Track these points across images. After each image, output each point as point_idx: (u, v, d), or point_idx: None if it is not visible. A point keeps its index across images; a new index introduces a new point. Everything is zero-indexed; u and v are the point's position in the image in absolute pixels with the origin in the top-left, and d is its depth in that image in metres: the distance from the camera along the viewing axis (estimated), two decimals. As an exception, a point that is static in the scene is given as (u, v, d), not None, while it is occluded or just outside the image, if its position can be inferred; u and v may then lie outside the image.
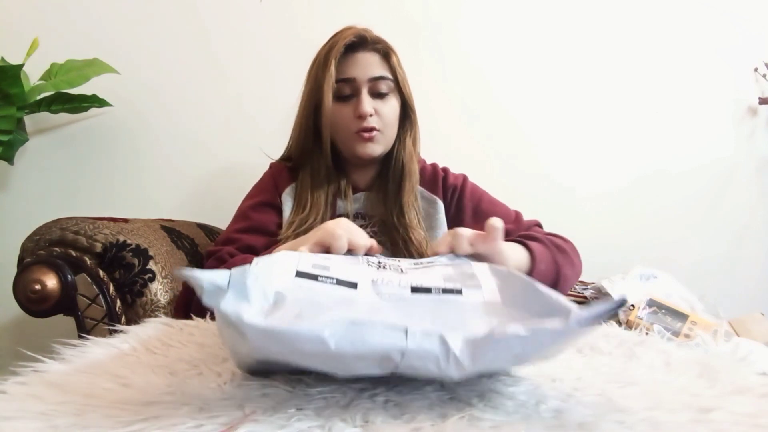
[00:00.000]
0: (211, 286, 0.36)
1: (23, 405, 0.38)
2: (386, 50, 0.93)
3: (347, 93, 0.90)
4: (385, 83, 0.91)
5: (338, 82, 0.89)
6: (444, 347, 0.36)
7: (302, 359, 0.37)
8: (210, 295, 0.36)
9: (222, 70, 1.39)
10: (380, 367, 0.37)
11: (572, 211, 1.44)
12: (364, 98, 0.89)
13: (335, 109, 0.90)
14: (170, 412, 0.37)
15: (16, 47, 1.21)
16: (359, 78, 0.89)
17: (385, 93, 0.92)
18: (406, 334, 0.35)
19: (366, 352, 0.36)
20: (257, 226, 0.91)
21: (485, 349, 0.36)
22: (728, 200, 1.49)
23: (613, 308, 0.36)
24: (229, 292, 0.37)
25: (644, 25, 1.49)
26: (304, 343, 0.35)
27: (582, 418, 0.37)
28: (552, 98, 1.47)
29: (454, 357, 0.36)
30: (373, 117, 0.90)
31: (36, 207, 1.31)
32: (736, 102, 1.50)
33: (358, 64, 0.90)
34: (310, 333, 0.35)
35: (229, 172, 1.38)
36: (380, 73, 0.91)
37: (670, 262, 1.36)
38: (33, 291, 0.78)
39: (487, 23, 1.45)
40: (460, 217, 0.97)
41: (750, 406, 0.40)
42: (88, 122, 1.35)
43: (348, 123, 0.90)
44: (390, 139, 0.95)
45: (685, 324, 1.00)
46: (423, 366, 0.37)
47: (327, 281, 0.48)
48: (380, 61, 0.92)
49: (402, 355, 0.36)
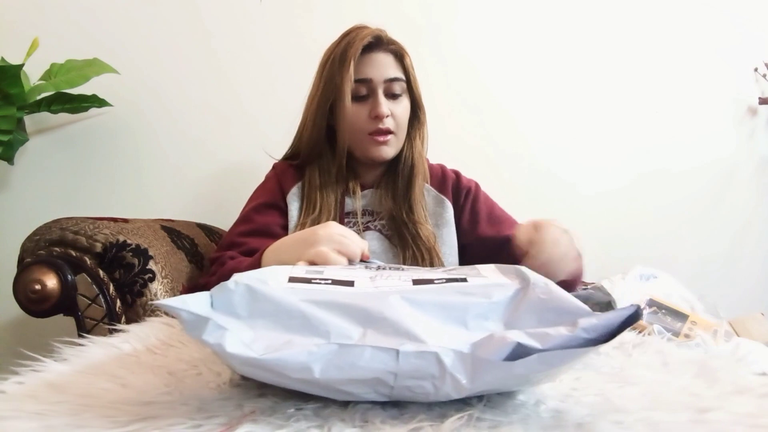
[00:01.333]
0: (191, 316, 0.34)
1: (20, 405, 0.38)
2: (400, 51, 0.94)
3: (363, 93, 0.90)
4: (399, 84, 0.92)
5: (355, 82, 0.89)
6: (439, 365, 0.34)
7: (293, 384, 0.37)
8: (191, 326, 0.34)
9: (222, 69, 1.39)
10: (375, 391, 0.36)
11: (573, 211, 1.44)
12: (381, 99, 0.89)
13: (352, 110, 0.89)
14: (168, 412, 0.37)
15: (16, 47, 1.21)
16: (376, 79, 0.89)
17: (399, 94, 0.92)
18: (398, 355, 0.34)
19: (356, 377, 0.35)
20: (260, 228, 0.90)
21: (482, 364, 0.34)
22: (728, 200, 1.49)
23: (625, 317, 0.33)
24: (210, 320, 0.34)
25: (644, 26, 1.49)
26: (291, 371, 0.34)
27: (580, 418, 0.37)
28: (552, 98, 1.47)
29: (450, 375, 0.34)
30: (388, 118, 0.90)
31: (36, 207, 1.31)
32: (736, 102, 1.50)
33: (374, 65, 0.90)
34: (295, 362, 0.34)
35: (229, 172, 1.38)
36: (395, 75, 0.91)
37: (670, 262, 1.36)
38: (33, 291, 0.78)
39: (488, 22, 1.45)
40: (475, 219, 0.98)
41: (749, 406, 0.40)
42: (88, 122, 1.35)
43: (363, 124, 0.90)
44: (401, 140, 0.95)
45: (685, 324, 1.00)
46: (418, 385, 0.35)
47: (321, 282, 0.46)
48: (394, 62, 0.93)
49: (395, 377, 0.35)
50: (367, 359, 0.34)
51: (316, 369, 0.34)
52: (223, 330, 0.35)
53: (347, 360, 0.34)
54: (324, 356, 0.34)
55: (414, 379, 0.35)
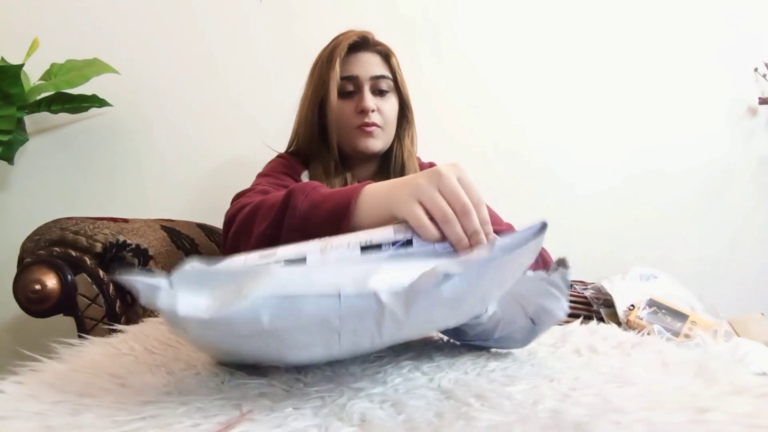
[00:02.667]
0: (145, 286, 0.36)
1: (19, 405, 0.38)
2: (386, 52, 0.98)
3: (350, 89, 0.94)
4: (386, 82, 0.96)
5: (342, 79, 0.93)
6: (378, 303, 0.36)
7: (245, 343, 0.38)
8: (145, 295, 0.36)
9: (222, 70, 1.39)
10: (323, 340, 0.38)
11: (572, 211, 1.44)
12: (366, 94, 0.93)
13: (339, 105, 0.93)
14: (167, 412, 0.37)
15: (16, 47, 1.21)
16: (362, 76, 0.94)
17: (386, 91, 0.96)
18: (340, 298, 0.36)
19: (303, 324, 0.36)
20: (281, 183, 0.87)
21: (415, 295, 0.36)
22: (728, 200, 1.49)
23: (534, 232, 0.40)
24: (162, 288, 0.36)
25: (644, 26, 1.49)
26: (240, 325, 0.36)
27: (579, 418, 0.37)
28: (552, 97, 1.47)
29: (389, 310, 0.36)
30: (374, 113, 0.94)
31: (36, 207, 1.31)
32: (736, 102, 1.50)
33: (361, 63, 0.94)
34: (244, 313, 0.35)
35: (229, 172, 1.38)
36: (381, 72, 0.96)
37: (669, 262, 1.35)
38: (33, 291, 0.78)
39: (486, 21, 1.45)
40: None
41: (748, 406, 0.40)
42: (88, 122, 1.35)
43: (350, 118, 0.94)
44: (389, 136, 0.99)
45: (685, 324, 1.00)
46: (364, 326, 0.37)
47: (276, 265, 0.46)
48: (381, 61, 0.97)
49: (340, 319, 0.36)
50: (312, 304, 0.36)
51: (264, 319, 0.35)
52: (174, 296, 0.36)
53: (293, 308, 0.36)
54: (270, 306, 0.35)
55: (357, 320, 0.37)
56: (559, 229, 0.93)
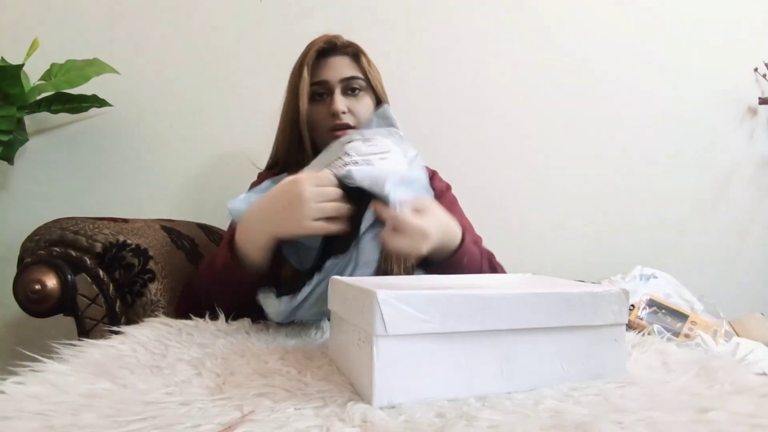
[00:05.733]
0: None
1: (21, 405, 0.38)
2: (356, 52, 0.98)
3: (321, 92, 0.95)
4: (357, 82, 0.96)
5: (312, 85, 0.94)
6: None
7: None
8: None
9: (222, 70, 1.39)
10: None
11: (572, 211, 1.44)
12: (336, 97, 0.93)
13: (311, 110, 0.94)
14: (168, 412, 0.37)
15: (16, 47, 1.21)
16: (331, 80, 0.94)
17: (357, 89, 0.96)
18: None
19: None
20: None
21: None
22: (728, 200, 1.49)
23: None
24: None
25: (644, 26, 1.49)
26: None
27: (580, 418, 0.36)
28: (551, 97, 1.47)
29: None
30: (347, 114, 0.94)
31: (36, 207, 1.31)
32: (736, 102, 1.50)
33: (330, 68, 0.95)
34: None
35: (229, 172, 1.38)
36: (351, 74, 0.96)
37: (670, 262, 1.35)
38: (33, 291, 0.78)
39: (484, 21, 1.45)
40: None
41: (750, 406, 0.40)
42: (88, 122, 1.35)
43: (323, 121, 0.94)
44: None
45: (685, 324, 1.00)
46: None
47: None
48: (350, 62, 0.97)
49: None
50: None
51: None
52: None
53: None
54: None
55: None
56: (559, 229, 0.93)
